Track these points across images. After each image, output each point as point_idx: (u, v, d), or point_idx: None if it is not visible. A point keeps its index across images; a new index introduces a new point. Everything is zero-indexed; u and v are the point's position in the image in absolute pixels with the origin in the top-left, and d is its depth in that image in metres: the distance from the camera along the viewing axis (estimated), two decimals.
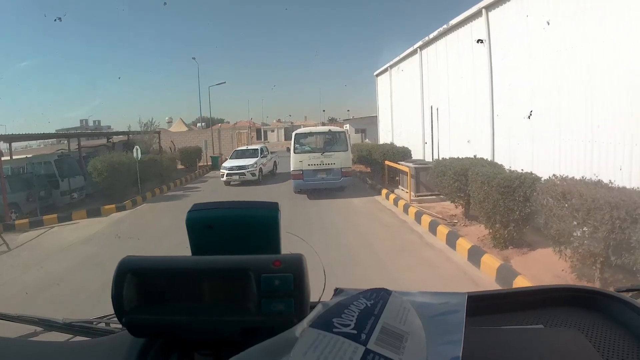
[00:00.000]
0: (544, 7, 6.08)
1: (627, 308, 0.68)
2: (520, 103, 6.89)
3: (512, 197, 5.16)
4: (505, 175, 5.37)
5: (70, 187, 11.23)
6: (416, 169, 8.66)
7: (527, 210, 5.13)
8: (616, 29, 4.82)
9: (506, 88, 7.44)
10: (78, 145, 13.44)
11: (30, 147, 22.85)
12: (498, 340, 0.61)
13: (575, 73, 5.56)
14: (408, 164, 9.26)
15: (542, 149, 6.32)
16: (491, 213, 5.47)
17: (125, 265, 0.56)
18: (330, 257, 3.80)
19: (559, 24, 5.77)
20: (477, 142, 8.60)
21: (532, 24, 6.39)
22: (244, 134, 25.15)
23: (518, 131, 7.01)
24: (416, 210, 7.29)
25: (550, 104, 6.07)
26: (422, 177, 8.78)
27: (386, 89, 15.36)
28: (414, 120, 12.08)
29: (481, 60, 8.12)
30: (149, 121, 16.50)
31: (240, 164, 12.69)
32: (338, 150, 9.59)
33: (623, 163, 4.81)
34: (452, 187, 6.65)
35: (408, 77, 12.67)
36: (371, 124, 20.84)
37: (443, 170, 6.95)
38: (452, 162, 6.89)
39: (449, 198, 7.09)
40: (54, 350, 0.69)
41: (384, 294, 0.50)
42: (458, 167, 6.55)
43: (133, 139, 15.89)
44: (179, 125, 45.23)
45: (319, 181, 9.43)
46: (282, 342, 0.44)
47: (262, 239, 0.62)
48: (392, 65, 14.42)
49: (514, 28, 6.99)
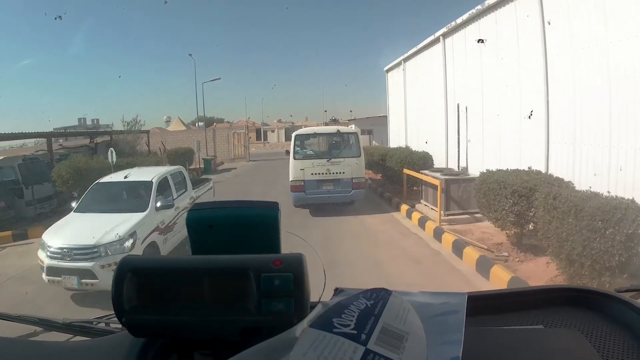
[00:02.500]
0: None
1: (627, 308, 0.68)
2: (593, 98, 5.22)
3: (611, 236, 3.53)
4: (599, 203, 3.70)
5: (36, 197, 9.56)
6: (446, 181, 6.98)
7: (630, 253, 3.55)
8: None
9: (569, 81, 5.76)
10: (48, 147, 11.72)
11: (26, 146, 21.31)
12: (498, 341, 0.61)
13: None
14: (434, 174, 7.58)
15: (632, 161, 4.65)
16: (576, 256, 3.81)
17: (125, 265, 0.56)
18: None
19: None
20: (524, 147, 6.94)
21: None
22: (241, 134, 23.42)
23: (588, 136, 5.35)
24: (454, 239, 5.61)
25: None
26: (453, 192, 7.11)
27: (399, 86, 13.65)
28: (435, 121, 10.40)
29: (532, 46, 6.44)
30: (133, 119, 14.72)
31: (79, 244, 4.55)
32: (348, 156, 7.80)
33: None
34: (508, 210, 4.97)
35: (427, 71, 10.98)
36: (378, 125, 19.13)
37: (495, 187, 5.25)
38: (507, 177, 5.20)
39: (498, 224, 5.40)
40: (54, 350, 0.69)
41: (384, 294, 0.50)
42: (519, 185, 4.87)
43: (115, 140, 14.23)
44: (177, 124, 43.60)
45: (325, 194, 7.63)
46: (282, 342, 0.44)
47: (262, 238, 0.62)
48: (406, 58, 12.71)
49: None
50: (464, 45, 8.98)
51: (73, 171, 8.66)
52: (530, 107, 6.72)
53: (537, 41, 6.30)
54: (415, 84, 12.15)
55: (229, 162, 21.65)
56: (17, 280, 5.39)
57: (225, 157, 22.13)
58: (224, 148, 22.27)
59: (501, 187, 5.14)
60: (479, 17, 8.27)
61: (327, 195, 7.66)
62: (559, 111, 6.03)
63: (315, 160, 7.77)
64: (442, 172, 7.52)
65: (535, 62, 6.42)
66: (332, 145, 8.31)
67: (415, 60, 12.07)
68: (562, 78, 5.90)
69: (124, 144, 13.84)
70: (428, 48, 10.80)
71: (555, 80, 6.09)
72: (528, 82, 6.71)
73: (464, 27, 8.88)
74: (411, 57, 12.31)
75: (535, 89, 6.47)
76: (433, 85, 10.43)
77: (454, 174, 7.39)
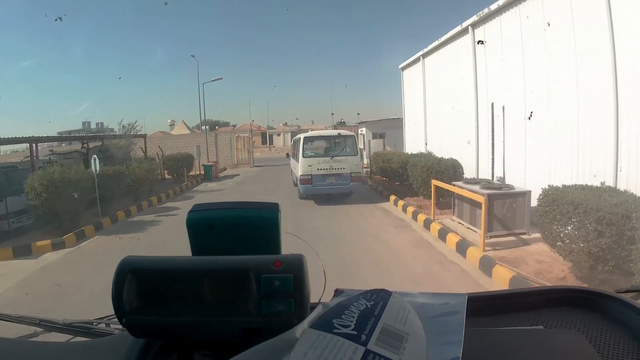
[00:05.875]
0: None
1: (627, 309, 0.68)
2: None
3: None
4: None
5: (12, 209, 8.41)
6: (489, 196, 5.69)
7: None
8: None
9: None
10: (31, 153, 10.61)
11: (18, 152, 20.44)
12: (498, 341, 0.61)
13: None
14: (471, 186, 6.29)
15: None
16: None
17: (125, 265, 0.55)
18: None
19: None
20: (582, 155, 5.67)
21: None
22: (245, 138, 22.22)
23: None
24: (511, 276, 4.31)
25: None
26: (497, 209, 5.82)
27: (417, 84, 12.37)
28: (462, 124, 9.11)
29: (595, 31, 5.17)
30: (129, 123, 13.55)
31: None
32: (348, 155, 9.24)
33: None
34: (591, 243, 3.67)
35: (453, 67, 9.71)
36: (391, 128, 17.83)
37: (568, 210, 3.95)
38: (586, 198, 3.91)
39: (571, 257, 4.09)
40: (54, 350, 0.69)
41: (384, 294, 0.50)
42: (607, 210, 3.58)
43: (107, 145, 13.11)
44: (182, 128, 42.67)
45: (328, 186, 9.07)
46: (282, 343, 0.43)
47: (263, 239, 0.62)
48: (426, 54, 11.44)
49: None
50: (499, 36, 7.70)
51: (47, 183, 7.47)
52: (591, 106, 5.46)
53: (602, 23, 5.04)
54: (437, 82, 10.87)
55: (232, 167, 20.48)
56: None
57: (228, 162, 20.96)
58: (227, 153, 21.09)
59: (579, 211, 3.85)
60: (519, 2, 7.02)
61: (330, 187, 9.05)
62: (634, 110, 4.76)
63: (320, 158, 9.19)
64: (482, 185, 6.23)
65: (600, 51, 5.15)
66: (334, 146, 9.70)
67: (436, 56, 10.80)
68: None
69: (116, 150, 12.70)
70: (454, 40, 9.53)
71: (627, 71, 4.82)
72: (589, 76, 5.44)
73: (500, 14, 7.62)
74: (432, 52, 11.03)
75: (599, 85, 5.20)
76: (460, 83, 9.16)
77: (495, 187, 6.09)
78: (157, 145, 17.12)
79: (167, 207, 10.30)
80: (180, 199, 11.45)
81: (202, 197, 11.33)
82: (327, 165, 9.01)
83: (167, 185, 13.47)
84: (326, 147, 9.91)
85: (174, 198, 11.78)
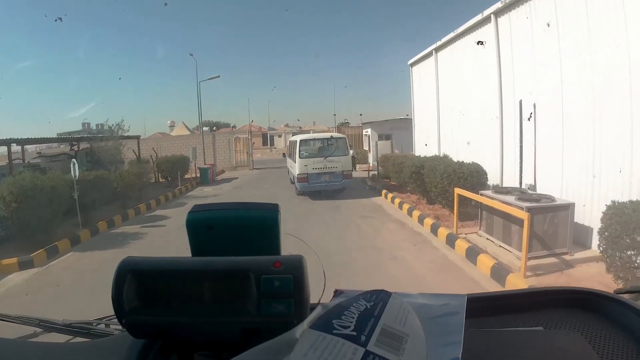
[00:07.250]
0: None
1: (626, 309, 0.67)
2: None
3: None
4: None
5: None
6: (530, 210, 4.75)
7: None
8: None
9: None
10: (9, 156, 9.71)
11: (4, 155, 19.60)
12: (498, 342, 0.60)
13: None
14: (505, 197, 5.35)
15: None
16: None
17: (125, 265, 0.54)
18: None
19: None
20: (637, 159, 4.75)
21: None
22: (244, 139, 21.28)
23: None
24: None
25: None
26: (537, 225, 4.89)
27: (429, 81, 11.42)
28: (482, 124, 8.17)
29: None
30: (115, 124, 12.59)
31: None
32: (340, 155, 10.03)
33: None
34: None
35: (470, 60, 8.77)
36: (398, 129, 16.92)
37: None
38: None
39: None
40: (54, 351, 0.68)
41: (384, 295, 0.49)
42: None
43: (94, 147, 12.21)
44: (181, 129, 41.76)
45: (323, 183, 9.85)
46: (282, 344, 0.43)
47: (262, 240, 0.61)
48: (439, 47, 10.49)
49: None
50: (529, 24, 6.76)
51: (17, 191, 6.57)
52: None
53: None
54: (452, 77, 9.91)
55: (230, 170, 19.56)
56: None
57: (226, 165, 20.05)
58: (226, 155, 20.17)
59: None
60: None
61: (324, 184, 9.87)
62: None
63: (315, 158, 9.97)
64: (517, 196, 5.27)
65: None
66: (327, 147, 10.42)
67: (451, 49, 9.84)
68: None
69: (104, 152, 11.80)
70: (473, 31, 8.57)
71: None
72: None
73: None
74: (446, 45, 10.08)
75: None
76: (481, 78, 8.22)
77: (533, 198, 5.15)
78: (152, 147, 16.22)
79: (155, 215, 9.36)
80: (171, 206, 10.53)
81: (195, 203, 10.40)
82: (322, 165, 9.85)
83: (159, 190, 12.54)
84: (320, 148, 10.57)
85: (165, 205, 10.84)
